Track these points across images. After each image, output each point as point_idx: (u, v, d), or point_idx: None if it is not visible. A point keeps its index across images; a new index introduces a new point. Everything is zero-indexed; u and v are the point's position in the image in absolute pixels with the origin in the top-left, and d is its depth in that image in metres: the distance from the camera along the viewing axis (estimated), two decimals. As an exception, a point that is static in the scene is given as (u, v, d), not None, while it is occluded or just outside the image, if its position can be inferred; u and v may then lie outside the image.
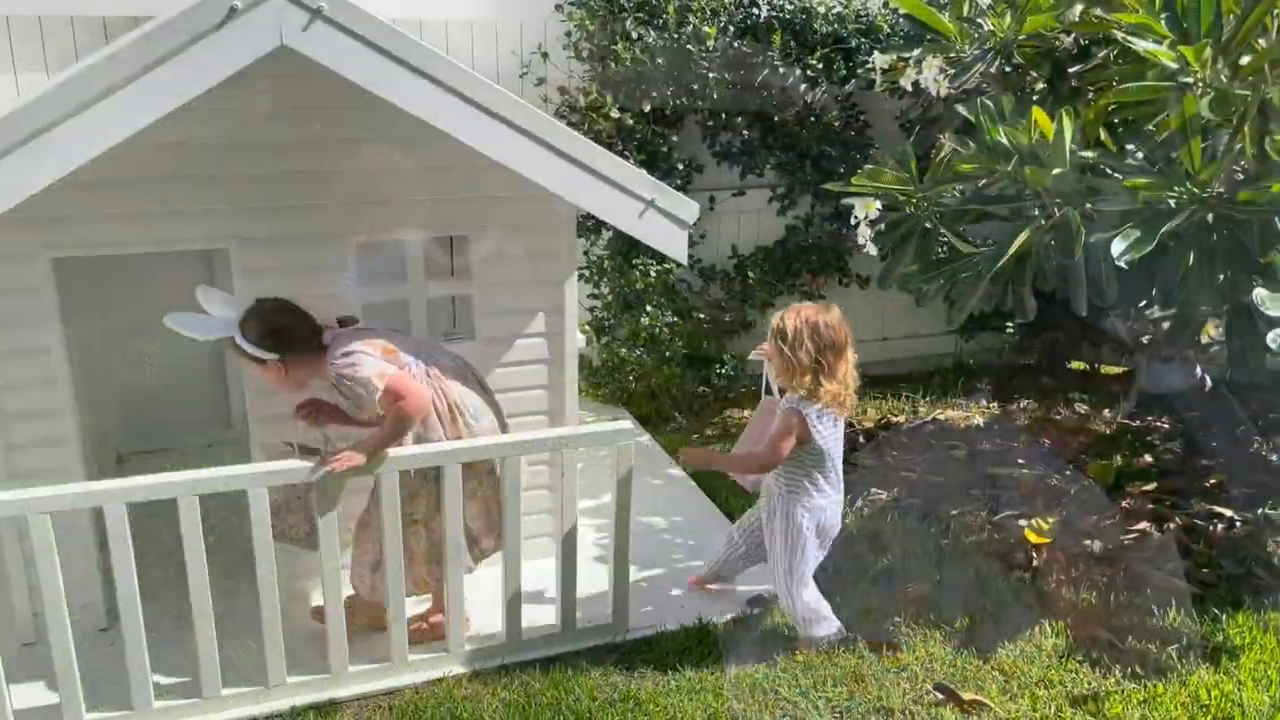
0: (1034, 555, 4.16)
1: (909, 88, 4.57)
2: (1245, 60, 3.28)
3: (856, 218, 4.18)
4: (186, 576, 3.07)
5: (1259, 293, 3.23)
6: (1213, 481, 4.70)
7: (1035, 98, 4.25)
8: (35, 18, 4.64)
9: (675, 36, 5.15)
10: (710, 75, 5.20)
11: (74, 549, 3.39)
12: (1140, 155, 3.65)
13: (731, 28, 5.27)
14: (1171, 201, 3.30)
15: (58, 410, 3.41)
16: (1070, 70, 4.27)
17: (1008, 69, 4.43)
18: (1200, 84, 3.22)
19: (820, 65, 5.36)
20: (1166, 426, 5.33)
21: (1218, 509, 4.40)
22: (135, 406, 4.98)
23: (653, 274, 5.41)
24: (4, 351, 3.29)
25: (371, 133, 3.50)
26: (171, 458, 4.76)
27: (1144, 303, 3.98)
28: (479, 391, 3.48)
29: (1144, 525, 4.30)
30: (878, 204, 4.09)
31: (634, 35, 5.12)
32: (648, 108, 5.19)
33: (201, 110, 2.94)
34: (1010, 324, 6.41)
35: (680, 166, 5.42)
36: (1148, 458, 4.97)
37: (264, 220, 3.49)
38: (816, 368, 3.37)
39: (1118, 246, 3.19)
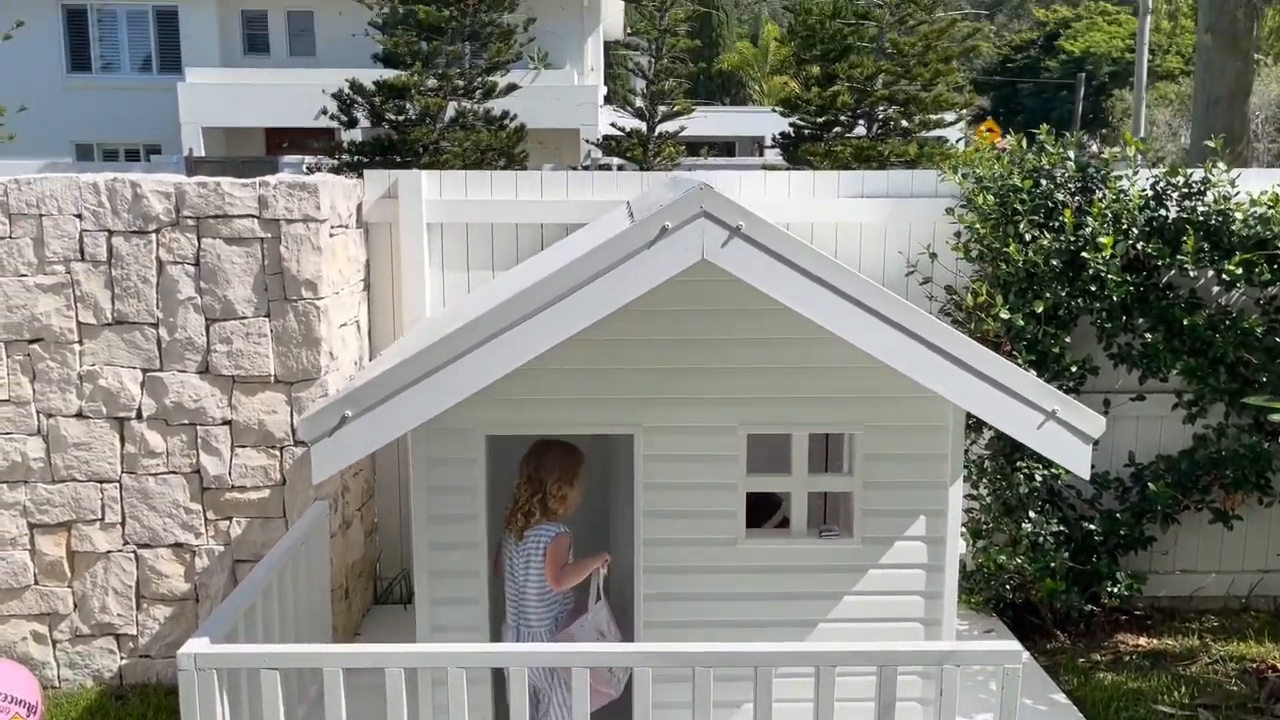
0: None
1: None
2: None
3: (1287, 436, 3.75)
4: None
5: None
6: None
7: None
8: (488, 225, 5.44)
9: (1073, 239, 5.02)
10: (1109, 277, 5.00)
11: (474, 701, 3.70)
12: None
13: (1135, 230, 5.05)
14: None
15: (475, 571, 3.80)
16: None
17: None
18: None
19: (1239, 270, 4.97)
20: None
21: None
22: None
23: (1038, 478, 5.15)
24: (441, 515, 3.75)
25: (769, 332, 3.72)
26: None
27: None
28: None
29: None
30: (1314, 423, 3.67)
31: (1028, 237, 5.06)
32: (1039, 308, 5.06)
33: (618, 311, 3.28)
34: None
35: (1074, 369, 5.19)
36: None
37: (666, 410, 3.77)
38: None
39: None
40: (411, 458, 3.77)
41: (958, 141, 13.55)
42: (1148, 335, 5.23)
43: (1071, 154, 5.26)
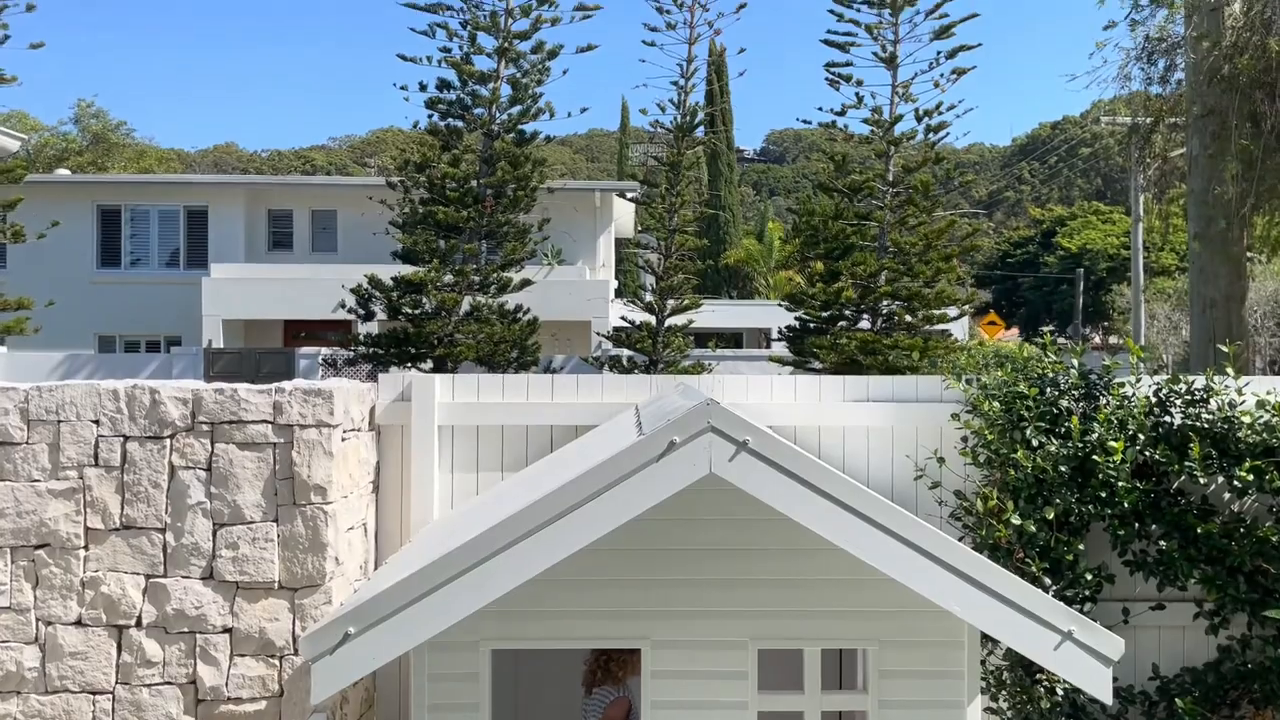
0: None
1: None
2: None
3: (1315, 655, 3.64)
4: None
5: None
6: None
7: None
8: (499, 427, 5.51)
9: (1080, 446, 5.04)
10: (1119, 484, 4.98)
11: None
12: None
13: (1142, 436, 5.08)
14: None
15: (476, 795, 3.64)
16: None
17: None
18: None
19: (1250, 477, 4.96)
20: None
21: None
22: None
23: (1059, 691, 4.97)
24: (442, 735, 3.63)
25: (777, 543, 3.69)
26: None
27: None
28: None
29: None
30: (1341, 642, 3.57)
31: (1035, 443, 5.08)
32: (1050, 515, 5.02)
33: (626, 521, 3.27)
34: None
35: (1088, 576, 5.10)
36: None
37: (674, 623, 3.70)
38: None
39: None
40: (413, 672, 3.68)
41: (964, 347, 13.76)
42: (1162, 542, 5.17)
43: (1075, 361, 5.35)
